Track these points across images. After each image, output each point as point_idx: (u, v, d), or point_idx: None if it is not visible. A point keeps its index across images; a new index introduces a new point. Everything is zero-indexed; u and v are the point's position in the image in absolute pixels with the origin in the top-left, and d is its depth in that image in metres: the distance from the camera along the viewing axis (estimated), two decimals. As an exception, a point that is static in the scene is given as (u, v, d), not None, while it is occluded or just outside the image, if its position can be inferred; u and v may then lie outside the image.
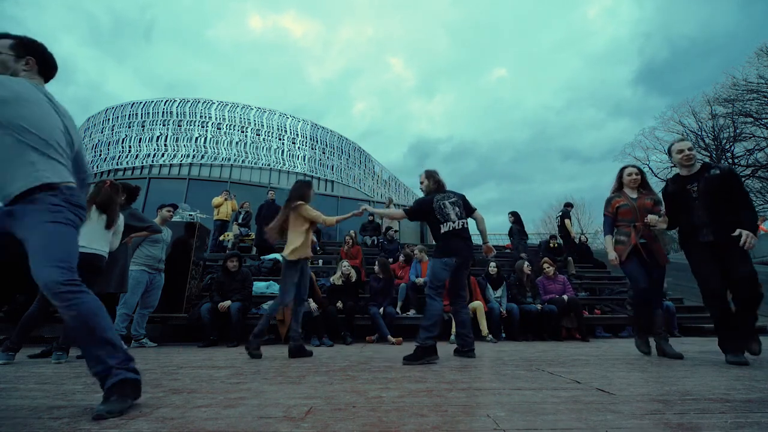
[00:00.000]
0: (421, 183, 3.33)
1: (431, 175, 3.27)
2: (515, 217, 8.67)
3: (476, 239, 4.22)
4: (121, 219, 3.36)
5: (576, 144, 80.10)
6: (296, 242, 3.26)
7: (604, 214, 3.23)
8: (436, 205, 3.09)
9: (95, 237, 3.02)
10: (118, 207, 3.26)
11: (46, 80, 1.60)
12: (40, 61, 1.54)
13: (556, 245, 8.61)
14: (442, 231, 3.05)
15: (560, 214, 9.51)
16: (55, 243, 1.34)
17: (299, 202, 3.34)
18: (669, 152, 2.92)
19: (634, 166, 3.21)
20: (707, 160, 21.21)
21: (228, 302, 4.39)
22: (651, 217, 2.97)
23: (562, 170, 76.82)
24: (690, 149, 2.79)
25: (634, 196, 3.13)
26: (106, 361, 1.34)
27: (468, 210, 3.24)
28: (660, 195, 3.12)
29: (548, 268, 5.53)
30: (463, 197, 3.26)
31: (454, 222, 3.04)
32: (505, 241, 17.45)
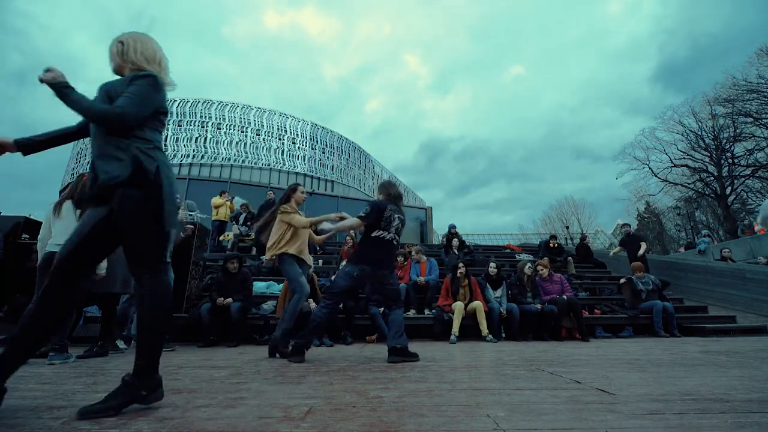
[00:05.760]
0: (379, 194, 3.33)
1: (384, 189, 3.26)
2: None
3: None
4: None
5: (589, 143, 79.58)
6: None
7: None
8: (386, 214, 3.06)
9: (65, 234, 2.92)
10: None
11: None
12: None
13: (555, 245, 8.62)
14: (372, 236, 3.01)
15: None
16: None
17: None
18: None
19: None
20: (707, 160, 21.21)
21: (229, 299, 4.39)
22: None
23: (573, 169, 76.47)
24: None
25: None
26: None
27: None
28: None
29: (543, 270, 5.53)
30: (403, 222, 3.24)
31: (389, 233, 3.03)
32: (506, 241, 17.46)
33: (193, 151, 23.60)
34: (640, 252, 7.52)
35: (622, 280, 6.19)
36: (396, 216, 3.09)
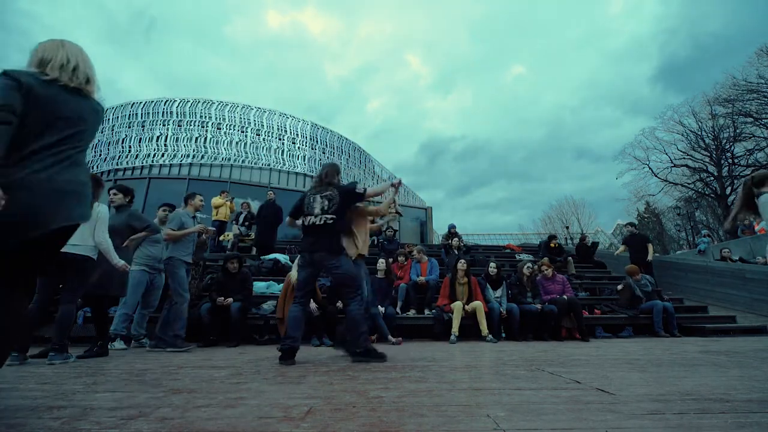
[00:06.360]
0: None
1: (321, 169, 3.23)
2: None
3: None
4: (101, 215, 3.09)
5: (589, 143, 79.02)
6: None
7: None
8: (306, 200, 3.04)
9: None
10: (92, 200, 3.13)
11: None
12: None
13: (556, 245, 8.63)
14: (303, 225, 3.01)
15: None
16: None
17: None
18: None
19: None
20: (707, 160, 21.21)
21: (230, 299, 4.39)
22: None
23: (573, 169, 76.21)
24: None
25: None
26: None
27: (349, 202, 3.11)
28: None
29: (546, 270, 5.53)
30: (345, 191, 3.06)
31: (315, 217, 2.96)
32: (507, 241, 17.45)
33: (193, 151, 23.59)
34: (649, 257, 7.55)
35: (619, 287, 6.18)
36: (317, 196, 3.02)
